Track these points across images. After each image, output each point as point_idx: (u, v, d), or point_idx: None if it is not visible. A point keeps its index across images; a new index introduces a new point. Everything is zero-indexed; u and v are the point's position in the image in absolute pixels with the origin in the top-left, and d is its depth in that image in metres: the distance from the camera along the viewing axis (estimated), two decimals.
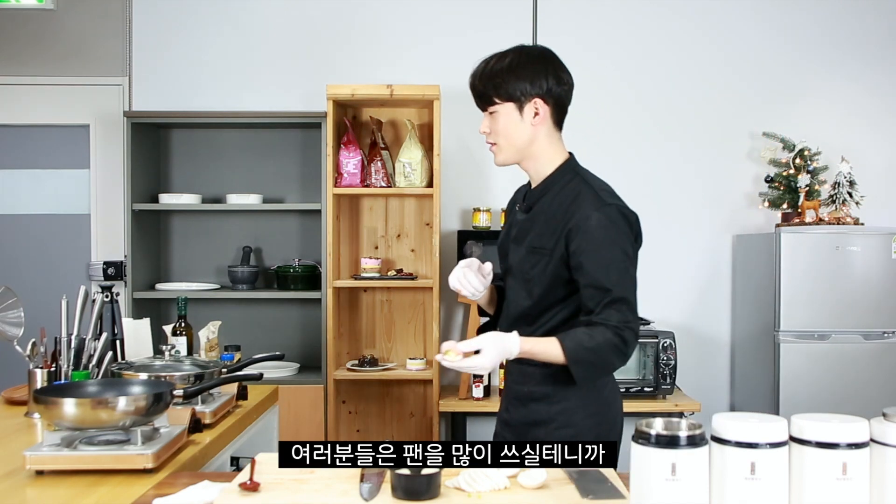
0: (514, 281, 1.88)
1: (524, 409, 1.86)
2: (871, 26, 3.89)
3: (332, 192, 3.51)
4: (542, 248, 1.80)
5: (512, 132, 1.85)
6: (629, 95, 3.87)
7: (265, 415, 2.43)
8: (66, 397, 1.60)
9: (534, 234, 1.83)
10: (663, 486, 1.12)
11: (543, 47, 1.90)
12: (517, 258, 1.86)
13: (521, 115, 1.84)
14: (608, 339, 1.69)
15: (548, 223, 1.82)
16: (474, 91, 1.87)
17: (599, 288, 1.71)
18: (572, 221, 1.76)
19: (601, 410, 1.83)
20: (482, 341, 1.67)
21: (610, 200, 1.82)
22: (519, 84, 1.82)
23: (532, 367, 1.81)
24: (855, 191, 3.56)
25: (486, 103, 1.85)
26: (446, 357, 1.65)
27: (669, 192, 3.87)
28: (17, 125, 3.95)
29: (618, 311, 1.70)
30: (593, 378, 1.76)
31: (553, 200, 1.84)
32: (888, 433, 1.15)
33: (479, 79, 1.85)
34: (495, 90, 1.82)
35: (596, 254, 1.73)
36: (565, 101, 1.92)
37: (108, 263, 3.85)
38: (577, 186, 1.85)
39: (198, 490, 1.43)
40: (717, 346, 3.89)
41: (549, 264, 1.78)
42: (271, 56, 3.88)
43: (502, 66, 1.82)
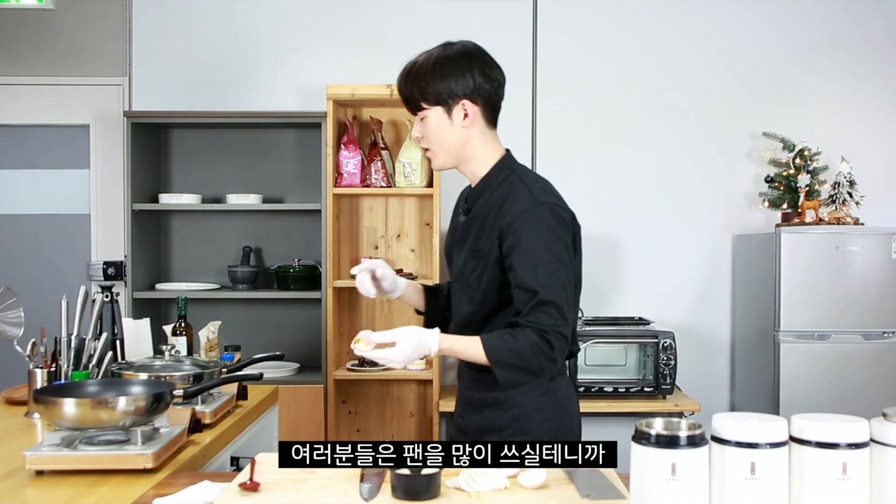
0: (457, 286, 1.85)
1: (478, 416, 1.82)
2: (872, 27, 3.89)
3: (332, 192, 3.51)
4: (480, 252, 1.76)
5: (443, 137, 1.78)
6: (629, 95, 3.87)
7: (265, 415, 2.43)
8: (66, 397, 1.60)
9: (472, 237, 1.79)
10: (663, 486, 1.12)
11: (468, 43, 1.79)
12: (459, 262, 1.82)
13: (450, 118, 1.76)
14: (532, 341, 1.63)
15: (484, 224, 1.76)
16: (402, 96, 1.81)
17: (527, 289, 1.66)
18: (504, 221, 1.71)
19: (557, 414, 1.79)
20: (398, 334, 1.62)
21: (543, 199, 1.72)
22: (444, 86, 1.73)
23: (483, 373, 1.73)
24: (855, 191, 3.56)
25: (414, 108, 1.79)
26: (357, 346, 1.61)
27: (670, 191, 3.87)
28: (17, 125, 3.95)
29: (545, 314, 1.64)
30: (519, 382, 1.70)
31: (489, 200, 1.78)
32: (888, 433, 1.15)
33: (405, 83, 1.78)
34: (421, 94, 1.75)
35: (525, 254, 1.67)
36: (496, 99, 1.80)
37: (108, 263, 3.85)
38: (511, 184, 1.77)
39: (198, 490, 1.43)
40: (717, 346, 3.89)
41: (487, 268, 1.74)
42: (271, 56, 3.88)
43: (426, 68, 1.75)
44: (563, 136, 3.86)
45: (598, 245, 3.85)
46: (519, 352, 1.64)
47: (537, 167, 3.84)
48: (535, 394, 1.76)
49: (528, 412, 1.76)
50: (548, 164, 3.85)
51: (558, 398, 1.80)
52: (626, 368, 3.53)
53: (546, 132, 3.86)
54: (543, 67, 3.86)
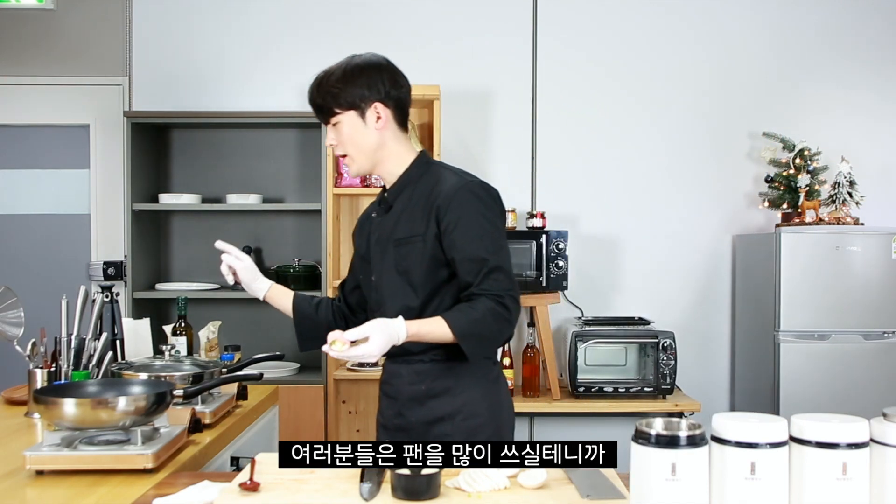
0: (388, 282, 1.86)
1: (423, 409, 1.84)
2: (872, 27, 3.89)
3: (331, 192, 3.51)
4: (413, 236, 1.80)
5: (359, 139, 1.85)
6: (629, 95, 3.87)
7: (265, 415, 2.43)
8: (66, 397, 1.60)
9: (398, 228, 1.84)
10: (663, 486, 1.12)
11: (374, 54, 1.90)
12: (389, 259, 1.85)
13: (363, 121, 1.83)
14: (490, 307, 1.70)
15: (413, 212, 1.82)
16: (314, 106, 1.88)
17: (475, 259, 1.73)
18: (440, 199, 1.78)
19: (501, 401, 1.89)
20: (369, 329, 1.65)
21: (471, 178, 1.84)
22: (357, 91, 1.82)
23: (426, 365, 1.83)
24: (855, 191, 3.56)
25: (327, 115, 1.85)
26: (333, 347, 1.62)
27: (670, 191, 3.87)
28: (17, 125, 3.95)
29: (496, 280, 1.73)
30: (484, 351, 1.77)
31: (414, 192, 1.85)
32: (888, 433, 1.15)
33: (317, 92, 1.85)
34: (335, 100, 1.82)
35: (467, 227, 1.75)
36: (405, 103, 1.89)
37: (108, 263, 3.85)
38: (435, 172, 1.87)
39: (198, 490, 1.43)
40: (717, 346, 3.89)
41: (425, 248, 1.79)
42: (271, 56, 3.88)
43: (337, 76, 1.83)
44: (563, 136, 3.86)
45: (598, 245, 3.85)
46: (481, 320, 1.70)
47: (537, 167, 3.84)
48: (483, 382, 1.85)
49: (477, 398, 1.83)
50: (548, 164, 3.85)
51: (499, 384, 1.90)
52: (626, 368, 3.53)
53: (546, 132, 3.86)
54: (543, 67, 3.86)
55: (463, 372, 1.82)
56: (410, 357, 1.85)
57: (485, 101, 3.85)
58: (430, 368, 1.83)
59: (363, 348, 1.63)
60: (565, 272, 3.45)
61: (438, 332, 1.71)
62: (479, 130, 3.86)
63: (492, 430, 1.83)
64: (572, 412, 3.46)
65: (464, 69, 3.83)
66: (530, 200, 3.85)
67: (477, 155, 3.84)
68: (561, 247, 3.45)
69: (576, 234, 3.80)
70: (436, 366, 1.83)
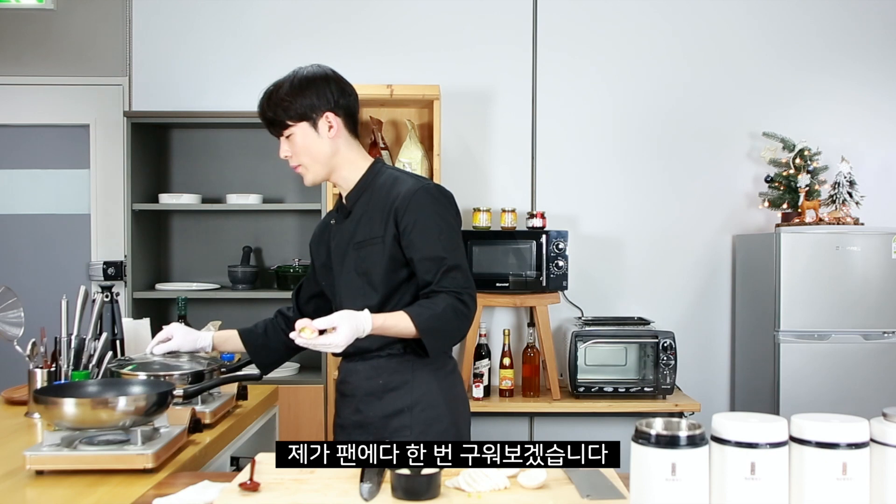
0: (348, 283, 1.91)
1: (380, 403, 1.89)
2: (871, 26, 3.89)
3: (332, 192, 3.50)
4: (372, 238, 1.86)
5: (313, 149, 1.90)
6: (629, 95, 3.87)
7: (265, 415, 2.43)
8: (66, 397, 1.60)
9: (358, 232, 1.89)
10: (663, 486, 1.12)
11: (320, 66, 1.96)
12: (349, 263, 1.90)
13: (316, 131, 1.89)
14: (451, 303, 1.76)
15: (372, 215, 1.88)
16: (265, 119, 1.91)
17: (433, 259, 1.80)
18: (398, 201, 1.83)
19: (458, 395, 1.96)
20: (336, 319, 1.68)
21: (426, 181, 1.90)
22: (306, 102, 1.87)
23: (383, 359, 1.89)
24: (855, 191, 3.56)
25: (279, 128, 1.90)
26: (302, 334, 1.65)
27: (670, 191, 3.87)
28: (17, 125, 3.95)
29: (454, 278, 1.79)
30: (444, 346, 1.83)
31: (371, 196, 1.91)
32: (888, 433, 1.15)
33: (268, 106, 1.89)
34: (285, 113, 1.87)
35: (425, 227, 1.81)
36: (354, 111, 1.96)
37: (108, 263, 3.85)
38: (391, 176, 1.93)
39: (198, 490, 1.43)
40: (717, 346, 3.89)
41: (384, 249, 1.84)
42: (271, 56, 3.87)
43: (286, 89, 1.87)
44: (562, 136, 3.86)
45: (598, 245, 3.85)
46: (441, 315, 1.75)
47: (537, 167, 3.85)
48: (440, 374, 1.91)
49: (434, 391, 1.88)
50: (548, 164, 3.85)
51: (455, 377, 1.97)
52: (626, 368, 3.53)
53: (546, 132, 3.86)
54: (543, 67, 3.86)
55: (419, 365, 1.87)
56: (367, 354, 1.90)
57: (485, 101, 3.85)
58: (386, 363, 1.89)
59: (330, 337, 1.66)
60: (565, 272, 3.46)
61: (402, 325, 1.75)
62: (479, 130, 3.86)
63: (448, 422, 1.89)
64: (572, 412, 3.46)
65: (464, 69, 3.83)
66: (530, 200, 3.86)
67: (477, 155, 3.84)
68: (561, 247, 3.45)
69: (576, 234, 3.80)
70: (392, 360, 1.88)
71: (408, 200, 1.83)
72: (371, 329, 1.72)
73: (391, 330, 1.76)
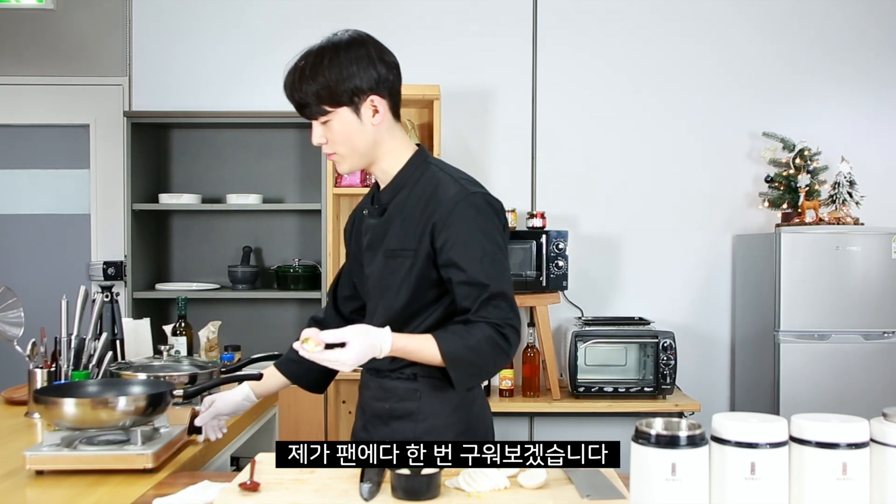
0: (375, 293, 1.69)
1: (386, 429, 1.68)
2: (871, 26, 3.89)
3: (331, 192, 3.51)
4: (404, 251, 1.61)
5: (354, 139, 1.61)
6: (629, 95, 3.87)
7: (265, 415, 2.43)
8: (66, 397, 1.60)
9: (391, 237, 1.64)
10: (663, 486, 1.12)
11: (356, 32, 1.63)
12: (376, 269, 1.67)
13: (358, 117, 1.60)
14: (489, 336, 1.53)
15: (406, 222, 1.62)
16: (296, 102, 1.61)
17: (475, 284, 1.55)
18: (436, 215, 1.58)
19: (470, 430, 1.67)
20: (348, 333, 1.45)
21: (473, 188, 1.62)
22: (348, 83, 1.56)
23: (393, 382, 1.66)
24: (855, 191, 3.56)
25: (315, 113, 1.60)
26: (305, 346, 1.44)
27: (670, 191, 3.87)
28: (17, 125, 3.95)
29: (496, 307, 1.54)
30: (472, 381, 1.61)
31: (409, 196, 1.64)
32: (888, 433, 1.15)
33: (298, 87, 1.59)
34: (321, 96, 1.57)
35: (466, 247, 1.56)
36: (398, 87, 1.67)
37: (108, 263, 3.85)
38: (433, 177, 1.64)
39: (198, 490, 1.43)
40: (717, 346, 3.89)
41: (414, 266, 1.60)
42: (271, 56, 3.87)
43: (322, 65, 1.56)
44: (563, 136, 3.86)
45: (598, 245, 3.85)
46: (475, 348, 1.53)
47: (537, 167, 3.84)
48: (449, 407, 1.65)
49: (441, 426, 1.64)
50: (548, 164, 3.85)
51: (473, 413, 1.69)
52: (626, 368, 3.53)
53: (546, 132, 3.86)
54: (543, 67, 3.86)
55: (429, 394, 1.63)
56: (378, 371, 1.69)
57: (485, 101, 3.85)
58: (395, 386, 1.66)
59: (339, 354, 1.44)
60: (565, 272, 3.45)
61: (426, 351, 1.53)
62: (479, 130, 3.86)
63: None
64: (572, 412, 3.46)
65: (464, 69, 3.83)
66: (530, 200, 3.86)
67: (477, 155, 3.84)
68: (561, 247, 3.45)
69: (576, 234, 3.80)
70: (403, 385, 1.65)
71: (448, 213, 1.57)
72: (390, 350, 1.51)
73: (413, 355, 1.54)
